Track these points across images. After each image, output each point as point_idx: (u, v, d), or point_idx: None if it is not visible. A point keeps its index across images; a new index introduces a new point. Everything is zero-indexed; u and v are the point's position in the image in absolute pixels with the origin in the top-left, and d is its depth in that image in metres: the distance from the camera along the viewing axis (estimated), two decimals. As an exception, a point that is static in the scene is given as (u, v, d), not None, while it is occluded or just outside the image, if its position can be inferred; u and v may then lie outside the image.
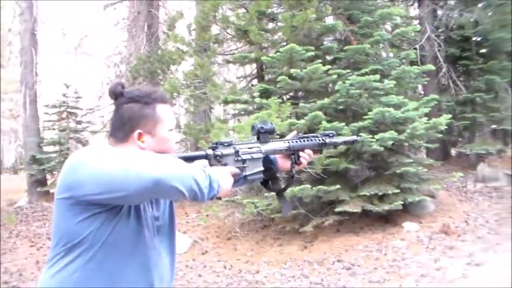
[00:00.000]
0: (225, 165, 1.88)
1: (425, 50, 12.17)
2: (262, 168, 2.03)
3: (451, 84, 12.52)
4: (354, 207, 7.49)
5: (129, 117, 1.83)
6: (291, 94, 8.92)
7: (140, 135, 1.82)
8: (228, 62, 9.73)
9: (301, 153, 2.21)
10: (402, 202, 7.52)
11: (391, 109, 7.47)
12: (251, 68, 10.78)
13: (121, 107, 1.85)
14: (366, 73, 7.93)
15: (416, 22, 13.60)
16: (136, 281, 1.79)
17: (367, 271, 6.32)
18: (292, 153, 2.19)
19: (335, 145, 2.36)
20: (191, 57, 9.49)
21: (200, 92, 9.08)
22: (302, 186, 7.15)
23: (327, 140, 2.28)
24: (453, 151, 14.02)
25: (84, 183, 1.63)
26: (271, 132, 2.12)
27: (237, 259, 7.31)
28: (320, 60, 8.00)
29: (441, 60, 12.13)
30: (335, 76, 7.91)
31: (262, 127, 2.10)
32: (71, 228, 1.70)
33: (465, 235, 7.16)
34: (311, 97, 8.30)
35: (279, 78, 7.81)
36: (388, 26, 10.59)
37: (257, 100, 7.96)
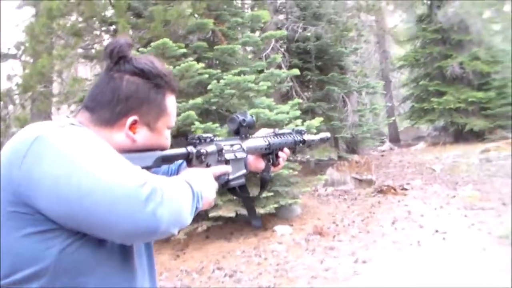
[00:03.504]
0: (208, 166, 1.46)
1: (270, 58, 12.42)
2: (245, 171, 1.63)
3: (294, 93, 12.97)
4: (227, 212, 7.21)
5: (129, 95, 1.27)
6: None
7: (135, 123, 1.29)
8: (86, 57, 8.66)
9: (280, 153, 1.84)
10: (276, 206, 7.46)
11: (266, 111, 7.40)
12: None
13: (121, 77, 1.28)
14: (237, 74, 7.78)
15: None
16: None
17: (253, 277, 6.05)
18: (270, 152, 1.81)
19: (313, 143, 2.03)
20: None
21: (49, 89, 8.00)
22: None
23: (306, 137, 1.96)
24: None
25: (41, 195, 1.06)
26: (252, 126, 1.71)
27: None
28: (191, 58, 7.65)
29: (285, 69, 12.46)
30: (206, 76, 7.61)
31: (244, 120, 1.67)
32: (18, 247, 1.08)
33: (339, 235, 7.31)
34: (181, 96, 7.88)
35: (150, 74, 7.26)
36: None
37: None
